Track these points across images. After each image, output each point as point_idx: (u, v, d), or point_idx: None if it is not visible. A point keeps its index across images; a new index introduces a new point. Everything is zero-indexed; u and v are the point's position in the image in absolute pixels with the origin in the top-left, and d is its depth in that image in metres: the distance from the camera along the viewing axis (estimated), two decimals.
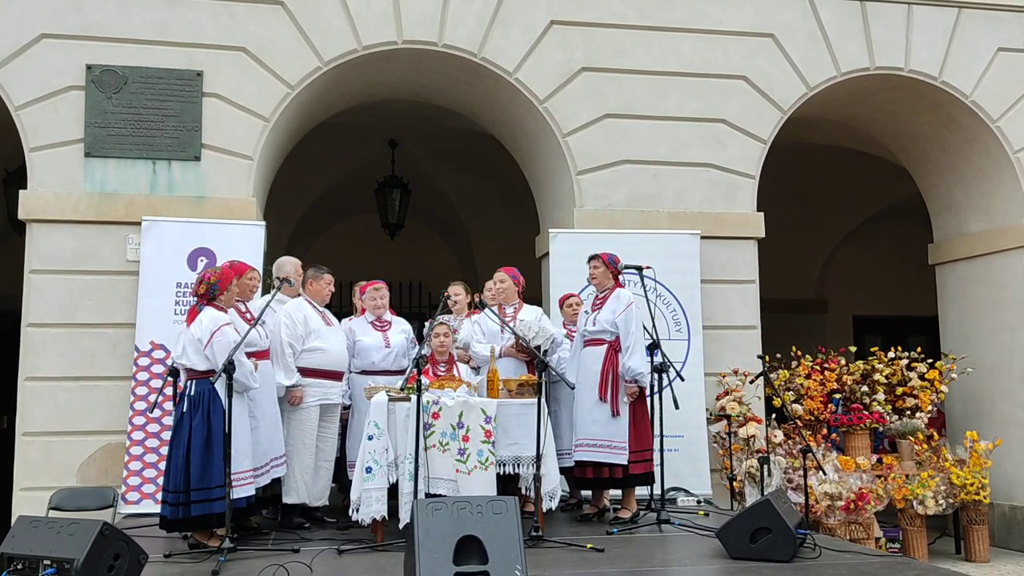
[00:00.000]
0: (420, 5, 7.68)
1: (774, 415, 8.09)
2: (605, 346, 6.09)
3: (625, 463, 5.94)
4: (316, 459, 6.01)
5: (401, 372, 6.05)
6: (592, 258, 6.30)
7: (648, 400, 6.10)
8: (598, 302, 6.23)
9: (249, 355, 5.49)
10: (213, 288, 5.37)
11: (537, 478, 5.42)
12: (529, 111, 7.98)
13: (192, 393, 5.25)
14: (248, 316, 5.75)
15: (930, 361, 8.48)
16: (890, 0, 8.45)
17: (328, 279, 6.19)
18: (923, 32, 8.48)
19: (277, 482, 5.85)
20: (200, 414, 5.17)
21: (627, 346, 6.02)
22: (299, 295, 6.23)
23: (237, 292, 5.74)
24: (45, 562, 4.02)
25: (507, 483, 5.81)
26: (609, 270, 6.24)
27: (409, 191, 11.38)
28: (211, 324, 5.23)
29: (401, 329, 6.45)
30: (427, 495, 5.26)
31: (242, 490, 5.23)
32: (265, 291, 6.52)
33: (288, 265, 6.42)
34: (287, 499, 5.93)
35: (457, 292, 6.90)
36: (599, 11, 8.00)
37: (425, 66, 8.02)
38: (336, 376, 6.11)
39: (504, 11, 7.82)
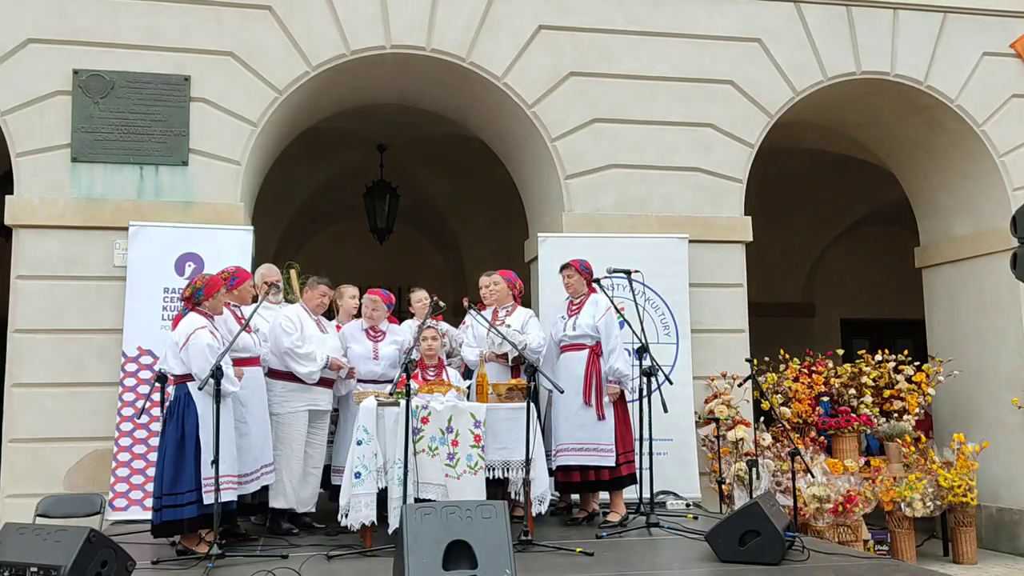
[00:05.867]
0: (408, 10, 7.68)
1: (762, 418, 8.10)
2: (586, 351, 6.15)
3: (613, 465, 6.02)
4: (304, 465, 5.99)
5: (389, 381, 6.02)
6: (564, 267, 6.39)
7: (637, 403, 6.13)
8: (574, 307, 6.28)
9: (242, 361, 5.49)
10: (198, 293, 5.36)
11: (527, 482, 5.42)
12: (517, 116, 7.99)
13: (172, 398, 5.25)
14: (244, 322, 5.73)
15: (917, 364, 8.51)
16: (876, 5, 8.50)
17: (322, 291, 6.13)
18: (909, 37, 8.53)
19: (266, 489, 5.82)
20: (175, 419, 5.17)
21: (611, 348, 6.12)
22: (284, 302, 6.22)
23: (236, 297, 5.75)
24: (32, 569, 4.01)
25: (496, 488, 5.80)
26: (583, 276, 6.33)
27: (398, 195, 11.38)
28: (188, 328, 5.23)
29: (393, 340, 6.42)
30: (416, 500, 5.25)
31: (221, 495, 5.19)
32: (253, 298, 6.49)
33: (274, 273, 6.42)
34: (275, 503, 5.90)
35: (419, 298, 6.88)
36: (587, 16, 8.02)
37: (413, 71, 8.02)
38: (326, 383, 6.09)
39: (492, 16, 7.83)
